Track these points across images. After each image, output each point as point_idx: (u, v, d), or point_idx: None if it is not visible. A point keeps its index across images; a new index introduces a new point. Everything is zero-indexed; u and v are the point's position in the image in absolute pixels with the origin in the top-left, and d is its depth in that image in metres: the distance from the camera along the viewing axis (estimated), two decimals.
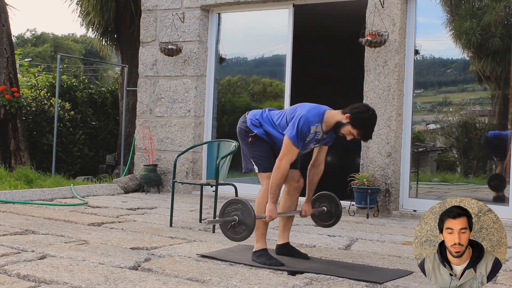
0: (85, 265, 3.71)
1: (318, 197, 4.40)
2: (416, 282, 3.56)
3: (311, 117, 3.81)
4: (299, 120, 3.78)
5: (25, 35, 44.48)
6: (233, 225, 3.76)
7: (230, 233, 3.80)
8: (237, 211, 3.76)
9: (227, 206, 3.82)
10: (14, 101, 9.30)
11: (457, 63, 7.49)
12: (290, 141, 3.79)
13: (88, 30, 11.82)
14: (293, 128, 3.79)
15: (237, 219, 3.75)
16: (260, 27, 8.49)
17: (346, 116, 3.79)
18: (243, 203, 3.76)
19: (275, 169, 3.83)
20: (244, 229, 3.73)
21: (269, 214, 3.84)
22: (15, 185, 7.59)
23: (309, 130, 3.81)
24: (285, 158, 3.82)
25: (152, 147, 8.39)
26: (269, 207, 3.85)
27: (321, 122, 3.86)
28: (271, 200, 3.84)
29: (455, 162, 7.67)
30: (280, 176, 3.82)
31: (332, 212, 4.37)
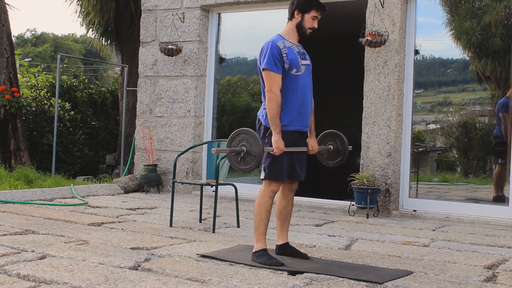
0: (85, 265, 3.71)
1: (322, 137, 4.39)
2: (416, 282, 3.56)
3: (271, 41, 3.95)
4: (263, 49, 3.93)
5: (25, 35, 44.51)
6: (243, 156, 3.75)
7: (241, 165, 3.77)
8: (243, 141, 3.75)
9: (233, 139, 3.80)
10: (14, 101, 9.30)
11: (457, 63, 7.49)
12: (267, 70, 3.87)
13: (88, 30, 11.83)
14: (264, 57, 3.89)
15: (245, 149, 3.74)
16: (260, 27, 8.49)
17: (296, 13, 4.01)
18: (248, 132, 3.75)
19: (268, 101, 3.86)
20: (254, 156, 3.72)
21: (276, 145, 3.83)
22: (15, 185, 7.59)
23: (278, 48, 3.89)
24: (273, 87, 3.86)
25: (152, 147, 8.39)
26: (274, 138, 3.83)
27: (282, 38, 3.99)
28: (275, 131, 3.83)
29: (455, 162, 7.67)
30: (275, 105, 3.85)
31: (338, 149, 4.36)
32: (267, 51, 3.91)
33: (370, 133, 6.84)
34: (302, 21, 4.02)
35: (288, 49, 3.94)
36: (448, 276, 3.75)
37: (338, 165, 4.44)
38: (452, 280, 3.63)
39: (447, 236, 5.35)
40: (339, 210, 6.84)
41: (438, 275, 3.77)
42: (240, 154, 3.75)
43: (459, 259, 4.27)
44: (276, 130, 3.83)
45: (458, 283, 3.55)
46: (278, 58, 3.88)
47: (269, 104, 3.85)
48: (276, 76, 3.87)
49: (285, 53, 3.91)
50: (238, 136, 3.79)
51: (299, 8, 4.01)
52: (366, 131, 6.87)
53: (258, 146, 3.69)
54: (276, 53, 3.88)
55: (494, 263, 4.18)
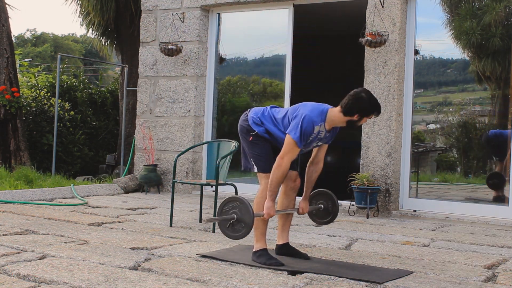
0: (85, 265, 3.71)
1: (315, 194, 4.40)
2: (416, 282, 3.56)
3: (314, 116, 3.82)
4: (303, 120, 3.78)
5: (25, 35, 44.50)
6: (232, 223, 3.76)
7: (229, 231, 3.79)
8: (235, 209, 3.75)
9: (225, 204, 3.81)
10: (14, 101, 9.30)
11: (457, 63, 7.49)
12: (293, 141, 3.79)
13: (88, 30, 11.83)
14: (297, 127, 3.78)
15: (236, 217, 3.75)
16: (260, 27, 8.49)
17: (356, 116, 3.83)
18: (241, 201, 3.75)
19: (276, 167, 3.83)
20: (243, 226, 3.72)
21: (267, 212, 3.84)
22: (15, 185, 7.59)
23: (312, 130, 3.82)
24: (287, 156, 3.81)
25: (152, 147, 8.39)
26: (267, 204, 3.84)
27: (324, 121, 3.87)
28: (270, 197, 3.84)
29: (455, 162, 7.66)
30: (280, 174, 3.82)
31: (329, 209, 4.38)
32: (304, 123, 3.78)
33: (370, 133, 6.84)
34: (358, 122, 3.90)
35: (317, 133, 3.88)
36: (448, 276, 3.75)
37: (326, 224, 4.47)
38: (452, 280, 3.63)
39: (447, 236, 5.35)
40: (339, 210, 6.83)
41: (438, 275, 3.77)
42: (230, 221, 3.76)
43: (459, 259, 4.27)
44: (272, 197, 3.84)
45: (458, 283, 3.55)
46: (307, 136, 3.82)
47: (276, 171, 3.82)
48: (296, 149, 3.82)
49: (311, 137, 3.87)
50: (231, 202, 3.79)
51: (362, 113, 3.85)
52: (366, 131, 6.87)
53: (249, 216, 3.69)
54: (308, 132, 3.81)
55: (494, 263, 4.18)
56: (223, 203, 3.83)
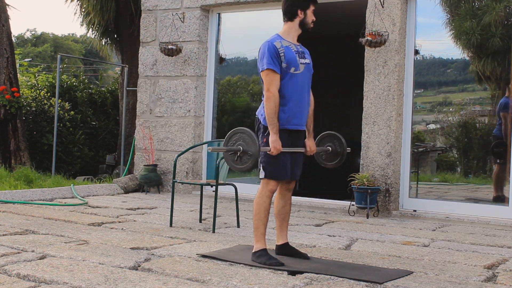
0: (85, 265, 3.71)
1: (320, 139, 4.39)
2: (416, 282, 3.56)
3: (269, 40, 4.02)
4: (260, 49, 3.99)
5: (25, 35, 44.50)
6: (239, 155, 3.75)
7: (237, 164, 3.78)
8: (240, 140, 3.76)
9: (229, 138, 3.81)
10: (14, 101, 9.30)
11: (457, 63, 7.49)
12: (266, 69, 3.90)
13: (88, 30, 11.83)
14: (261, 57, 3.95)
15: (242, 148, 3.75)
16: (260, 27, 8.49)
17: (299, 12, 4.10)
18: (244, 131, 3.76)
19: (265, 100, 3.88)
20: (250, 155, 3.72)
21: (273, 145, 3.83)
22: (15, 185, 7.59)
23: (275, 47, 3.93)
24: (271, 86, 3.88)
25: (152, 147, 8.39)
26: (272, 138, 3.84)
27: (280, 38, 4.04)
28: (272, 131, 3.84)
29: (455, 162, 7.66)
30: (273, 105, 3.86)
31: (337, 150, 4.36)
32: (264, 51, 3.95)
33: (370, 133, 6.84)
34: (305, 18, 4.12)
35: (286, 48, 3.98)
36: (448, 276, 3.75)
37: (336, 166, 4.44)
38: (452, 280, 3.63)
39: (447, 236, 5.35)
40: (339, 210, 6.84)
41: (438, 275, 3.77)
42: (237, 153, 3.76)
43: (459, 259, 4.27)
44: (274, 130, 3.84)
45: (458, 283, 3.55)
46: (275, 57, 3.91)
47: (267, 104, 3.87)
48: (274, 75, 3.90)
49: (282, 52, 3.94)
50: (234, 136, 3.80)
51: (301, 7, 4.10)
52: (366, 131, 6.87)
53: (254, 145, 3.69)
54: (274, 53, 3.92)
55: (494, 263, 4.18)
56: (227, 137, 3.83)
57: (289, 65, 3.94)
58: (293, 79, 3.96)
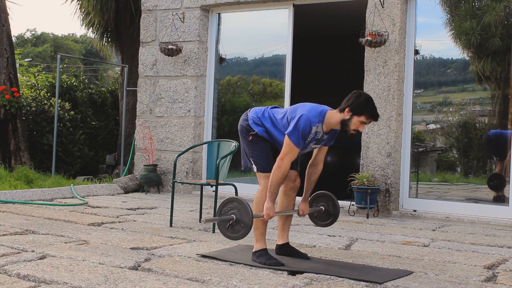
0: (85, 265, 3.71)
1: (315, 197, 4.39)
2: (416, 282, 3.56)
3: (312, 117, 3.82)
4: (300, 119, 3.78)
5: (25, 35, 44.50)
6: (231, 224, 3.76)
7: (229, 232, 3.79)
8: (234, 210, 3.75)
9: (224, 205, 3.81)
10: (14, 101, 9.30)
11: (457, 63, 7.48)
12: (291, 141, 3.79)
13: (88, 30, 11.84)
14: (294, 127, 3.78)
15: (235, 217, 3.74)
16: (260, 27, 8.49)
17: (347, 111, 3.80)
18: (240, 201, 3.75)
19: (276, 168, 3.83)
20: (242, 227, 3.72)
21: (266, 212, 3.84)
22: (15, 185, 7.58)
23: (310, 130, 3.81)
24: (286, 157, 3.81)
25: (152, 147, 8.39)
26: (267, 205, 3.84)
27: (321, 122, 3.86)
28: (269, 198, 3.84)
29: (455, 162, 7.66)
30: (281, 175, 3.82)
31: (330, 211, 4.36)
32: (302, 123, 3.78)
33: (370, 133, 6.84)
34: (349, 121, 3.83)
35: (314, 134, 3.87)
36: (448, 276, 3.75)
37: (327, 226, 4.44)
38: (452, 280, 3.63)
39: (447, 236, 5.35)
40: None
41: (438, 275, 3.77)
42: (230, 222, 3.76)
43: (459, 259, 4.27)
44: (271, 198, 3.83)
45: (458, 283, 3.55)
46: (304, 136, 3.82)
47: (276, 172, 3.82)
48: (295, 149, 3.82)
49: (309, 138, 3.86)
50: (230, 203, 3.79)
51: (352, 109, 3.79)
52: (366, 131, 6.87)
53: (247, 216, 3.69)
54: (306, 132, 3.81)
55: (494, 263, 4.18)
56: (222, 204, 3.83)
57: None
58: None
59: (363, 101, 3.80)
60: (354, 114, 3.78)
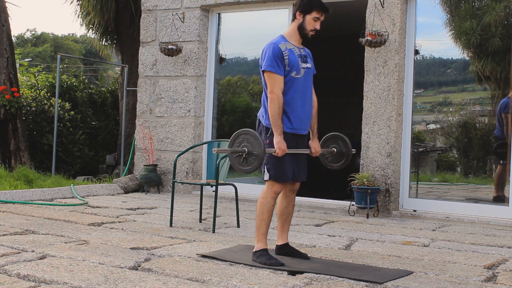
0: (85, 265, 3.71)
1: (325, 140, 4.36)
2: (416, 282, 3.56)
3: (273, 41, 3.96)
4: (265, 50, 3.92)
5: (25, 35, 44.51)
6: (244, 156, 3.75)
7: (242, 165, 3.78)
8: (245, 142, 3.75)
9: (234, 140, 3.81)
10: (14, 101, 9.30)
11: (457, 63, 7.48)
12: (268, 71, 3.86)
13: (88, 30, 11.83)
14: (264, 58, 3.89)
15: (247, 150, 3.74)
16: (260, 27, 8.48)
17: (298, 15, 3.98)
18: (249, 133, 3.76)
19: (269, 102, 3.85)
20: (255, 158, 3.71)
21: (277, 146, 3.82)
22: (15, 185, 7.58)
23: (279, 50, 3.89)
24: (274, 88, 3.86)
25: (152, 147, 8.39)
26: (276, 139, 3.82)
27: (284, 40, 3.98)
28: (276, 132, 3.82)
29: (455, 162, 7.66)
30: (277, 107, 3.84)
31: (342, 151, 4.33)
32: (268, 52, 3.91)
33: (370, 133, 6.84)
34: (303, 23, 3.98)
35: (289, 51, 3.93)
36: (448, 276, 3.75)
37: (342, 167, 4.41)
38: (452, 280, 3.63)
39: (447, 236, 5.35)
40: (339, 210, 6.84)
41: (438, 275, 3.77)
42: (242, 155, 3.75)
43: (459, 259, 4.28)
44: (278, 131, 3.83)
45: (458, 283, 3.55)
46: (280, 59, 3.87)
47: (271, 105, 3.85)
48: (278, 77, 3.87)
49: (286, 55, 3.90)
50: (239, 137, 3.79)
51: (300, 9, 3.97)
52: (366, 131, 6.87)
53: (259, 146, 3.69)
54: (278, 55, 3.87)
55: (494, 263, 4.18)
56: (232, 138, 3.82)
57: (292, 68, 3.92)
58: (294, 83, 3.94)
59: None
60: (304, 13, 3.95)
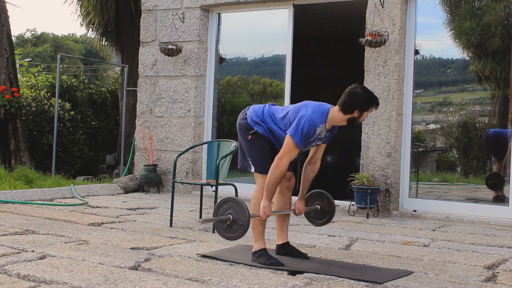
0: (85, 265, 3.71)
1: (310, 196, 4.36)
2: (416, 282, 3.56)
3: (316, 118, 3.80)
4: (304, 121, 3.75)
5: (25, 35, 44.50)
6: (229, 224, 3.75)
7: (226, 232, 3.78)
8: (231, 209, 3.75)
9: (220, 206, 3.80)
10: (14, 101, 9.30)
11: (457, 63, 7.48)
12: (293, 142, 3.76)
13: (88, 30, 11.83)
14: (297, 128, 3.76)
15: (231, 217, 3.74)
16: (260, 27, 8.49)
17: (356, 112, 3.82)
18: (236, 201, 3.75)
19: (274, 167, 3.80)
20: (240, 226, 3.71)
21: (263, 211, 3.82)
22: (15, 185, 7.58)
23: (314, 132, 3.80)
24: (286, 157, 3.80)
25: (152, 147, 8.39)
26: (264, 204, 3.82)
27: (325, 122, 3.86)
28: (266, 197, 3.82)
29: (455, 162, 7.66)
30: (279, 174, 3.80)
31: (325, 209, 4.34)
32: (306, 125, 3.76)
33: (370, 133, 6.84)
34: (359, 118, 3.89)
35: (318, 133, 3.87)
36: (448, 276, 3.75)
37: (323, 225, 4.43)
38: (452, 280, 3.63)
39: (447, 236, 5.35)
40: (339, 210, 6.84)
41: (438, 275, 3.77)
42: (226, 222, 3.75)
43: (459, 259, 4.27)
44: (268, 197, 3.82)
45: (458, 283, 3.55)
46: (308, 138, 3.80)
47: (274, 171, 3.79)
48: (295, 150, 3.80)
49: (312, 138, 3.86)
50: (225, 204, 3.78)
51: (361, 108, 3.84)
52: (366, 131, 6.87)
53: (244, 215, 3.68)
54: (309, 134, 3.79)
55: (494, 263, 4.18)
56: (217, 205, 3.82)
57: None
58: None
59: (366, 98, 3.84)
60: (362, 111, 3.84)
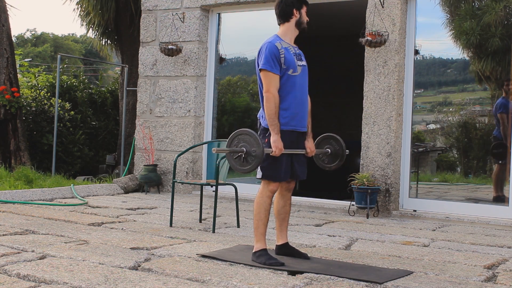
0: (85, 265, 3.71)
1: (318, 142, 4.38)
2: (416, 282, 3.56)
3: (269, 40, 4.03)
4: (262, 48, 3.99)
5: (25, 35, 44.51)
6: (244, 156, 3.75)
7: (241, 165, 3.78)
8: (244, 142, 3.76)
9: (232, 139, 3.81)
10: (14, 101, 9.30)
11: (457, 63, 7.48)
12: (265, 70, 3.93)
13: (88, 30, 11.83)
14: (261, 58, 3.96)
15: (245, 149, 3.75)
16: (260, 27, 8.48)
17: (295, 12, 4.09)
18: (248, 133, 3.77)
19: (265, 101, 3.90)
20: (253, 158, 3.72)
21: (274, 145, 3.84)
22: (15, 185, 7.58)
23: (276, 49, 3.95)
24: (271, 87, 3.91)
25: (152, 147, 8.39)
26: (273, 138, 3.85)
27: (279, 39, 4.05)
28: (273, 131, 3.85)
29: (455, 162, 7.66)
30: (273, 106, 3.88)
31: (336, 151, 4.35)
32: (265, 51, 3.96)
33: (370, 133, 6.84)
34: (301, 17, 4.14)
35: (285, 49, 4.00)
36: (448, 276, 3.75)
37: (337, 167, 4.43)
38: (452, 280, 3.63)
39: (447, 236, 5.35)
40: (339, 210, 6.84)
41: (438, 275, 3.77)
42: (241, 155, 3.75)
43: (459, 259, 4.28)
44: (275, 130, 3.85)
45: (458, 283, 3.56)
46: (276, 58, 3.92)
47: (267, 105, 3.88)
48: (274, 76, 3.92)
49: (283, 54, 3.96)
50: (237, 137, 3.80)
51: (296, 7, 4.11)
52: (366, 131, 6.87)
53: (258, 146, 3.70)
54: (274, 54, 3.93)
55: (494, 263, 4.18)
56: (230, 138, 3.84)
57: (288, 66, 3.97)
58: (291, 81, 3.98)
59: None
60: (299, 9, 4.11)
